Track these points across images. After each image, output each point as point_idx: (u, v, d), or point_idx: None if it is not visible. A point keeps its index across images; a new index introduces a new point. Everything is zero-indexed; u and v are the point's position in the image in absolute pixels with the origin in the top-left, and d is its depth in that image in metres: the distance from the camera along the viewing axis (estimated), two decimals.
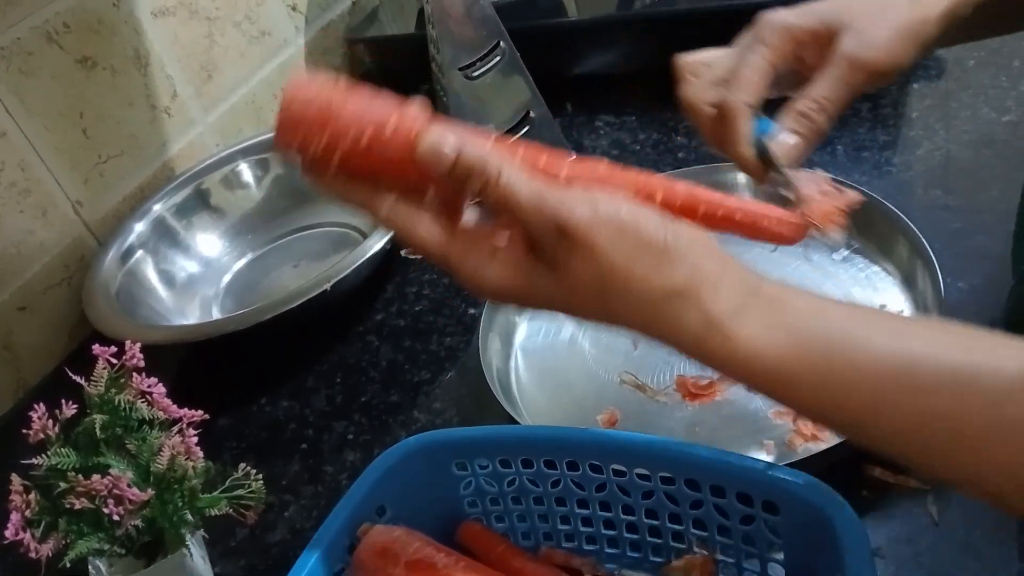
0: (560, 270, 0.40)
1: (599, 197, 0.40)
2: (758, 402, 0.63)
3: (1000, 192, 0.73)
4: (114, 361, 0.59)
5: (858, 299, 0.68)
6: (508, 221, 0.42)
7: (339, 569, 0.53)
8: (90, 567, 0.60)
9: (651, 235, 0.40)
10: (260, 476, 0.61)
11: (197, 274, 0.96)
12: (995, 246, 0.69)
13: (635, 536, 0.55)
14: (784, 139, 0.50)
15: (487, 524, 0.57)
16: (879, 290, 0.68)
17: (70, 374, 0.58)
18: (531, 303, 0.43)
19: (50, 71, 0.89)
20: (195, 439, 0.59)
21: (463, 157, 0.40)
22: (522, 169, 0.41)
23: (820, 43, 0.51)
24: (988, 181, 0.75)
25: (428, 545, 0.53)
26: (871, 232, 0.71)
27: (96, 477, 0.54)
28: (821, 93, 0.50)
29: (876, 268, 0.69)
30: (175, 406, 0.59)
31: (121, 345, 0.59)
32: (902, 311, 0.65)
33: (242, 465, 0.61)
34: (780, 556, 0.50)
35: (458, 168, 0.40)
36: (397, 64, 1.19)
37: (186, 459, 0.58)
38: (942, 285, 0.61)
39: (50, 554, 0.55)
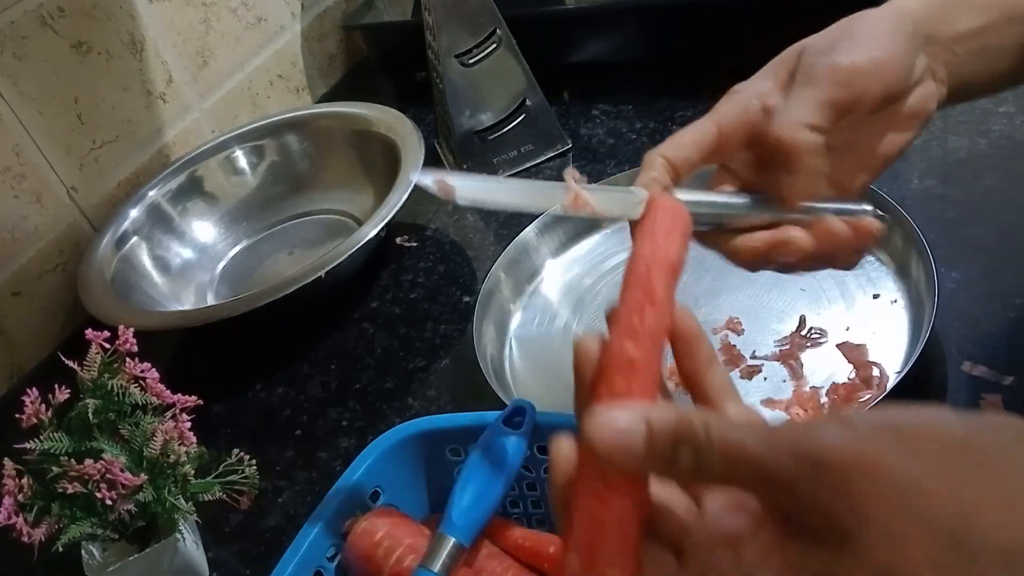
0: (844, 540, 0.26)
1: (852, 414, 0.29)
2: (751, 392, 0.63)
3: (996, 182, 0.73)
4: (107, 346, 0.59)
5: (852, 289, 0.68)
6: (741, 497, 0.31)
7: (332, 553, 0.53)
8: (83, 552, 0.60)
9: (958, 433, 0.27)
10: (254, 462, 0.62)
11: (192, 260, 0.96)
12: (990, 237, 0.69)
13: None
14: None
15: None
16: (873, 279, 0.68)
17: (64, 359, 0.58)
18: None
19: (44, 55, 0.89)
20: (188, 424, 0.59)
21: (657, 424, 0.29)
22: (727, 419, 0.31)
23: (782, 85, 0.46)
24: (984, 171, 0.75)
25: (419, 535, 0.53)
26: None
27: (89, 462, 0.54)
28: (795, 116, 0.43)
29: (869, 257, 0.69)
30: (168, 391, 0.59)
31: (115, 330, 0.59)
32: (895, 301, 0.66)
33: (236, 450, 0.61)
34: None
35: (657, 441, 0.29)
36: (393, 51, 1.19)
37: (179, 444, 0.58)
38: (936, 275, 0.61)
39: (43, 538, 0.55)
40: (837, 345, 0.64)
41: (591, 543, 0.30)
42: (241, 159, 1.01)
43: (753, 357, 0.65)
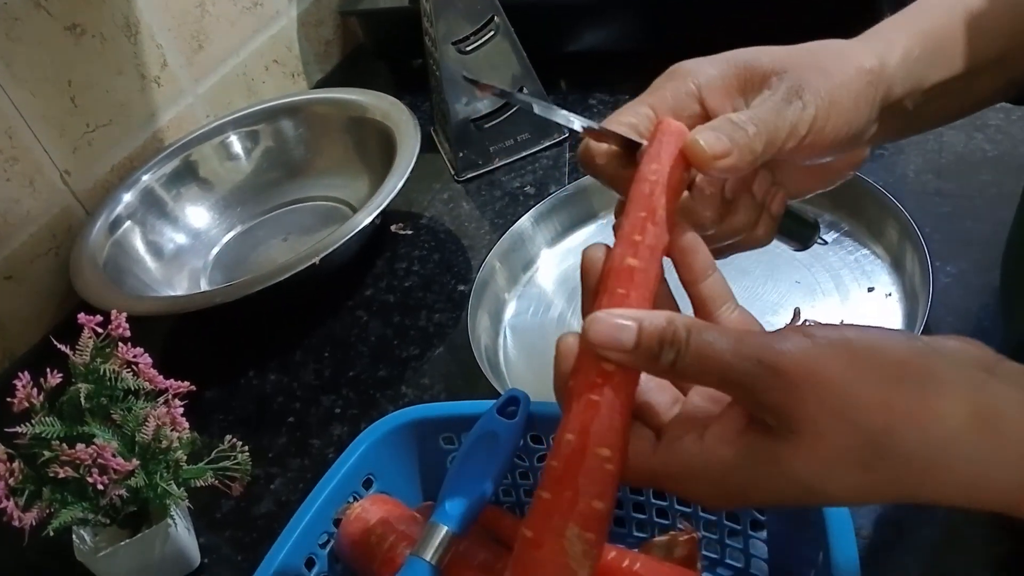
0: (788, 434, 0.32)
1: (815, 328, 0.33)
2: None
3: (991, 177, 0.73)
4: (100, 331, 0.58)
5: (846, 282, 0.68)
6: (714, 393, 0.36)
7: (324, 540, 0.53)
8: (74, 536, 0.60)
9: (900, 354, 0.32)
10: (246, 448, 0.61)
11: (185, 246, 0.95)
12: (985, 231, 0.69)
13: (619, 511, 0.55)
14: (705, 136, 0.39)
15: None
16: (868, 273, 0.68)
17: (56, 344, 0.58)
18: (765, 492, 0.34)
19: (38, 38, 0.88)
20: (181, 410, 0.59)
21: (646, 326, 0.34)
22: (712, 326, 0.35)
23: (728, 88, 0.42)
24: (979, 166, 0.75)
25: (412, 523, 0.53)
26: (861, 215, 0.71)
27: (80, 446, 0.54)
28: (753, 113, 0.40)
29: (865, 251, 0.70)
30: (161, 377, 0.59)
31: (107, 315, 0.59)
32: (889, 294, 0.66)
33: (228, 437, 0.61)
34: (763, 534, 0.51)
35: (644, 340, 0.34)
36: (390, 37, 1.18)
37: (172, 430, 0.58)
38: (931, 269, 0.61)
39: (34, 523, 0.54)
40: None
41: (585, 425, 0.35)
42: (236, 144, 1.00)
43: None
